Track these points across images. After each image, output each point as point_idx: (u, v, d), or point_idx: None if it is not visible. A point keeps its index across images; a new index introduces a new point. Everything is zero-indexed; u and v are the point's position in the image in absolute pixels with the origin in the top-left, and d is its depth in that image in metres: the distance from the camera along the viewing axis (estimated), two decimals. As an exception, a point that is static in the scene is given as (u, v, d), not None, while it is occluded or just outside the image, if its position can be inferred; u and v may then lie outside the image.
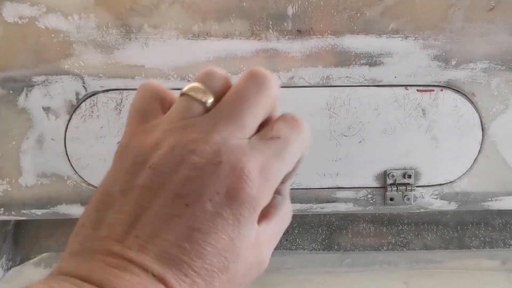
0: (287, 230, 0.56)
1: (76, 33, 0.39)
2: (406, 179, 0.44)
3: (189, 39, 0.39)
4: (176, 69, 0.40)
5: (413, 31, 0.40)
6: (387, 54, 0.40)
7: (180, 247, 0.17)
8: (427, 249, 0.55)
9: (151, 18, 0.39)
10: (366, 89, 0.42)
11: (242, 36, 0.39)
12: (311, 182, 0.44)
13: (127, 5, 0.38)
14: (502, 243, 0.55)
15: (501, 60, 0.41)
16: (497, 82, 0.42)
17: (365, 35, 0.40)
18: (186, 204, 0.18)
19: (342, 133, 0.43)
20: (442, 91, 0.41)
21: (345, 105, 0.42)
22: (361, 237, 0.56)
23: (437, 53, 0.40)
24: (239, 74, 0.41)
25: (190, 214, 0.18)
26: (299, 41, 0.40)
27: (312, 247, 0.55)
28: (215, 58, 0.40)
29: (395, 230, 0.56)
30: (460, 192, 0.45)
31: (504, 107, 0.42)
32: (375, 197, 0.45)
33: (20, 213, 0.45)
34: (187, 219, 0.18)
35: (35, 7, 0.38)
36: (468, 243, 0.55)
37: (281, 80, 0.41)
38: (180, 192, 0.18)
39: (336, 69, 0.41)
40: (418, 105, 0.42)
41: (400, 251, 0.55)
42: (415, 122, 0.42)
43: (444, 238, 0.55)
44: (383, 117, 0.42)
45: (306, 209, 0.46)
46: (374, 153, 0.43)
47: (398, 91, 0.42)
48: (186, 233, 0.18)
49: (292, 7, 0.39)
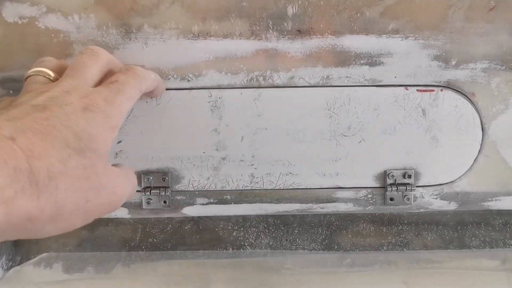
0: (287, 230, 0.56)
1: (76, 33, 0.39)
2: (406, 179, 0.44)
3: (189, 39, 0.39)
4: (176, 69, 0.40)
5: (413, 31, 0.40)
6: (387, 54, 0.40)
7: (37, 123, 0.25)
8: (427, 249, 0.55)
9: (151, 18, 0.39)
10: (366, 89, 0.42)
11: (242, 36, 0.39)
12: (311, 182, 0.44)
13: (127, 5, 0.38)
14: (502, 243, 0.55)
15: (501, 60, 0.41)
16: (497, 82, 0.42)
17: (365, 35, 0.40)
18: (45, 107, 0.26)
19: (342, 133, 0.43)
20: (442, 91, 0.42)
21: (345, 105, 0.42)
22: (361, 237, 0.56)
23: (437, 53, 0.40)
24: (239, 74, 0.41)
25: (49, 113, 0.26)
26: (299, 41, 0.40)
27: (312, 247, 0.55)
28: (215, 58, 0.40)
29: (395, 230, 0.56)
30: (460, 192, 0.45)
31: (504, 107, 0.42)
32: (375, 197, 0.45)
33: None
34: (47, 114, 0.26)
35: (35, 7, 0.38)
36: (468, 243, 0.55)
37: (281, 80, 0.41)
38: (43, 104, 0.27)
39: (336, 69, 0.41)
40: (418, 105, 0.42)
41: (400, 251, 0.55)
42: (415, 122, 0.42)
43: (444, 238, 0.55)
44: (383, 117, 0.42)
45: (306, 209, 0.46)
46: (374, 153, 0.43)
47: (398, 91, 0.42)
48: (44, 117, 0.26)
49: (292, 7, 0.39)
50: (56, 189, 0.24)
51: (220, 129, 0.42)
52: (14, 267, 0.54)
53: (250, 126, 0.42)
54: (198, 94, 0.41)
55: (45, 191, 0.24)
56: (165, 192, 0.44)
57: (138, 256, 0.55)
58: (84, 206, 0.26)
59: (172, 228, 0.56)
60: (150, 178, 0.43)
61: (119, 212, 0.45)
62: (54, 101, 0.27)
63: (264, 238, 0.56)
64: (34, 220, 0.23)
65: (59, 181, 0.24)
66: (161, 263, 0.54)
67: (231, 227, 0.56)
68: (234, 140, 0.43)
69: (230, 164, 0.43)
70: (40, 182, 0.23)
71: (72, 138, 0.26)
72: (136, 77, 0.32)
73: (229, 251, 0.55)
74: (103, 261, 0.54)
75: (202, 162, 0.43)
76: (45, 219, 0.24)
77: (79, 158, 0.26)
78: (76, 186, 0.25)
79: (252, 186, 0.44)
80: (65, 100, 0.27)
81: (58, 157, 0.24)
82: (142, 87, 0.32)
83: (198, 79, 0.41)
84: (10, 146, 0.23)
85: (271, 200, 0.45)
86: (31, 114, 0.26)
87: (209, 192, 0.45)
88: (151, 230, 0.56)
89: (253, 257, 0.55)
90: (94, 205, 0.27)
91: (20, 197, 0.22)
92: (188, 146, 0.43)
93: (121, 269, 0.54)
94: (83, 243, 0.56)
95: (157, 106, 0.41)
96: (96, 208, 0.27)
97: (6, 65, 0.40)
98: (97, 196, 0.27)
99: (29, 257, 0.55)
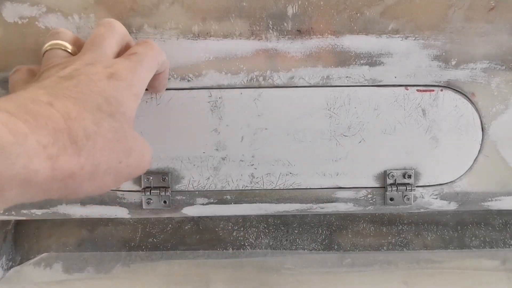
0: (287, 230, 0.56)
1: (76, 33, 0.39)
2: (406, 179, 0.44)
3: (189, 39, 0.39)
4: (176, 69, 0.40)
5: (413, 31, 0.40)
6: (387, 54, 0.40)
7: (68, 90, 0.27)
8: (427, 249, 0.55)
9: (151, 18, 0.39)
10: (366, 89, 0.42)
11: (242, 36, 0.39)
12: (311, 182, 0.44)
13: (127, 5, 0.38)
14: (502, 243, 0.55)
15: (501, 60, 0.41)
16: (497, 82, 0.42)
17: (365, 35, 0.40)
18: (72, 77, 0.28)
19: (342, 133, 0.43)
20: (442, 91, 0.42)
21: (345, 105, 0.42)
22: (361, 237, 0.56)
23: (437, 53, 0.40)
24: (239, 74, 0.41)
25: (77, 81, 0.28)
26: (299, 41, 0.40)
27: (312, 247, 0.55)
28: (215, 58, 0.40)
29: (395, 230, 0.56)
30: (460, 192, 0.45)
31: (504, 107, 0.42)
32: (375, 197, 0.45)
33: (20, 213, 0.45)
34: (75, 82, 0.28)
35: (35, 7, 0.38)
36: (468, 243, 0.55)
37: (281, 80, 0.41)
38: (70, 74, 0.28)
39: (336, 69, 0.41)
40: (418, 105, 0.42)
41: (400, 251, 0.55)
42: (415, 122, 0.42)
43: (444, 238, 0.55)
44: (383, 117, 0.42)
45: (306, 209, 0.46)
46: (374, 153, 0.43)
47: (398, 91, 0.42)
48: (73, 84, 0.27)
49: (292, 7, 0.39)
50: (93, 149, 0.26)
51: (220, 129, 0.42)
52: (14, 267, 0.54)
53: (250, 126, 0.42)
54: (198, 94, 0.41)
55: (84, 150, 0.25)
56: (165, 192, 0.44)
57: (138, 256, 0.55)
58: (117, 166, 0.28)
59: (172, 228, 0.56)
60: (150, 178, 0.43)
61: (119, 212, 0.45)
62: (80, 72, 0.28)
63: (264, 238, 0.56)
64: (75, 176, 0.25)
65: (95, 141, 0.26)
66: (161, 263, 0.54)
67: (231, 227, 0.56)
68: (234, 140, 0.43)
69: (230, 164, 0.43)
70: (79, 142, 0.25)
71: (103, 102, 0.27)
72: (154, 49, 0.33)
73: (229, 251, 0.55)
74: (103, 261, 0.54)
75: (202, 162, 0.43)
76: (84, 177, 0.26)
77: (111, 121, 0.27)
78: (110, 147, 0.27)
79: (252, 186, 0.44)
80: (90, 70, 0.29)
81: (92, 119, 0.26)
82: (159, 59, 0.34)
83: (198, 79, 0.41)
84: (49, 110, 0.25)
85: (271, 200, 0.45)
86: (61, 83, 0.27)
87: (209, 192, 0.45)
88: (151, 230, 0.56)
89: (253, 257, 0.55)
90: (125, 166, 0.29)
91: (62, 154, 0.24)
92: (188, 146, 0.43)
93: (121, 269, 0.54)
94: (83, 243, 0.56)
95: (157, 106, 0.41)
96: (127, 169, 0.29)
97: (6, 65, 0.40)
98: (128, 158, 0.29)
99: (29, 257, 0.55)
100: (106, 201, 0.44)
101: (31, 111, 0.24)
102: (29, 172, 0.23)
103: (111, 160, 0.27)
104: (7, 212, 0.44)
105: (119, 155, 0.28)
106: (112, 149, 0.27)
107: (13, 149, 0.22)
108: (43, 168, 0.23)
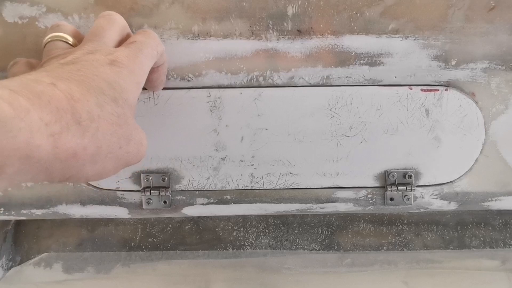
0: (287, 230, 0.56)
1: (76, 33, 0.39)
2: (407, 179, 0.44)
3: (189, 39, 0.39)
4: (176, 69, 0.40)
5: (413, 31, 0.40)
6: (387, 54, 0.40)
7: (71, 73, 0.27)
8: (427, 249, 0.55)
9: (151, 18, 0.39)
10: (369, 88, 0.42)
11: (242, 36, 0.39)
12: (311, 182, 0.44)
13: (127, 5, 0.38)
14: (502, 243, 0.55)
15: (501, 60, 0.41)
16: (497, 82, 0.42)
17: (365, 35, 0.40)
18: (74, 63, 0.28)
19: (344, 133, 0.43)
20: (447, 91, 0.41)
21: (347, 105, 0.42)
22: (361, 237, 0.56)
23: (437, 53, 0.40)
24: (239, 74, 0.41)
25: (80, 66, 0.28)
26: (299, 41, 0.40)
27: (312, 247, 0.55)
28: (215, 58, 0.40)
29: (395, 230, 0.56)
30: (460, 192, 0.45)
31: (504, 107, 0.42)
32: (375, 197, 0.45)
33: (20, 213, 0.45)
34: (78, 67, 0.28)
35: (35, 7, 0.38)
36: (468, 243, 0.55)
37: (281, 80, 0.41)
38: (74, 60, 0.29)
39: (336, 69, 0.41)
40: (421, 105, 0.42)
41: (400, 251, 0.55)
42: (418, 122, 0.42)
43: (444, 238, 0.55)
44: (385, 117, 0.42)
45: (306, 209, 0.46)
46: (375, 153, 0.43)
47: (402, 91, 0.42)
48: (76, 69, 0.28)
49: (292, 7, 0.39)
50: (97, 130, 0.26)
51: (219, 129, 0.42)
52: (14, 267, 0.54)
53: (250, 126, 0.42)
54: (198, 94, 0.41)
55: (88, 131, 0.25)
56: (165, 192, 0.44)
57: (138, 256, 0.55)
58: (117, 151, 0.28)
59: (172, 228, 0.56)
60: (150, 178, 0.43)
61: (119, 212, 0.45)
62: (81, 59, 0.29)
63: (264, 238, 0.56)
64: (77, 157, 0.25)
65: (99, 123, 0.26)
66: (161, 263, 0.54)
67: (231, 227, 0.56)
68: (234, 140, 0.43)
69: (230, 164, 0.43)
70: (82, 122, 0.25)
71: (106, 86, 0.28)
72: (153, 38, 0.34)
73: (229, 251, 0.55)
74: (103, 261, 0.54)
75: (202, 162, 0.43)
76: (87, 158, 0.26)
77: (114, 105, 0.28)
78: (112, 131, 0.27)
79: (252, 186, 0.44)
80: (91, 58, 0.29)
81: (95, 102, 0.26)
82: (158, 48, 0.34)
83: (198, 79, 0.41)
84: (52, 90, 0.25)
85: (271, 200, 0.45)
86: (63, 67, 0.28)
87: (209, 192, 0.45)
88: (151, 230, 0.56)
89: (253, 257, 0.55)
90: (125, 152, 0.29)
91: (65, 133, 0.24)
92: (187, 146, 0.43)
93: (121, 269, 0.54)
94: (83, 243, 0.56)
95: (156, 106, 0.41)
96: (127, 155, 0.29)
97: (6, 65, 0.39)
98: (128, 144, 0.29)
99: (29, 257, 0.55)
100: (106, 201, 0.44)
101: (34, 90, 0.24)
102: (30, 147, 0.23)
103: (113, 144, 0.27)
104: (7, 212, 0.44)
105: (120, 140, 0.28)
106: (114, 133, 0.27)
107: (14, 123, 0.22)
108: (45, 144, 0.23)
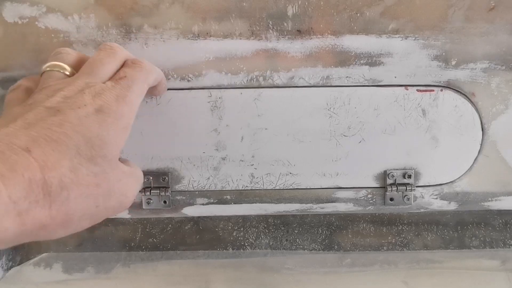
0: (287, 230, 0.56)
1: (76, 33, 0.39)
2: (406, 179, 0.44)
3: (189, 39, 0.39)
4: (176, 69, 0.40)
5: (413, 31, 0.40)
6: (387, 54, 0.40)
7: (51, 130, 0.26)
8: (427, 249, 0.55)
9: (151, 18, 0.39)
10: (366, 89, 0.42)
11: (242, 36, 0.39)
12: (311, 182, 0.44)
13: (127, 5, 0.38)
14: (502, 243, 0.55)
15: (501, 60, 0.41)
16: (497, 82, 0.42)
17: (365, 35, 0.40)
18: (58, 111, 0.27)
19: (342, 133, 0.43)
20: (442, 91, 0.42)
21: (345, 105, 0.42)
22: (361, 237, 0.56)
23: (437, 53, 0.40)
24: (239, 74, 0.41)
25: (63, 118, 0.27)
26: (299, 41, 0.40)
27: (312, 247, 0.55)
28: (215, 58, 0.40)
29: (395, 230, 0.56)
30: (460, 192, 0.45)
31: (504, 107, 0.42)
32: (375, 197, 0.45)
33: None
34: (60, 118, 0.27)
35: (35, 7, 0.38)
36: (468, 243, 0.55)
37: (281, 80, 0.41)
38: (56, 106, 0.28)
39: (336, 69, 0.41)
40: (418, 105, 0.42)
41: (400, 251, 0.55)
42: (415, 122, 0.42)
43: (444, 238, 0.55)
44: (383, 117, 0.42)
45: (306, 209, 0.46)
46: (374, 153, 0.43)
47: (398, 91, 0.42)
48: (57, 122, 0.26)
49: (292, 7, 0.39)
50: (67, 199, 0.25)
51: (220, 129, 0.42)
52: (14, 267, 0.54)
53: (250, 126, 0.42)
54: (198, 94, 0.41)
55: (57, 200, 0.25)
56: (165, 192, 0.44)
57: (138, 256, 0.55)
58: (94, 211, 0.27)
59: (172, 228, 0.56)
60: (150, 178, 0.43)
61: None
62: (68, 103, 0.28)
63: (264, 238, 0.56)
64: (45, 227, 0.25)
65: (70, 190, 0.25)
66: (161, 263, 0.54)
67: (231, 227, 0.56)
68: (234, 140, 0.43)
69: (230, 164, 0.43)
70: (52, 192, 0.24)
71: (83, 145, 0.27)
72: (143, 71, 0.33)
73: (229, 251, 0.55)
74: (103, 261, 0.54)
75: (202, 162, 0.43)
76: (56, 226, 0.25)
77: (90, 165, 0.27)
78: (87, 193, 0.26)
79: (252, 186, 0.44)
80: (79, 102, 0.28)
81: (69, 166, 0.26)
82: (149, 80, 0.33)
83: (198, 79, 0.41)
84: (27, 158, 0.24)
85: (271, 200, 0.45)
86: (45, 119, 0.27)
87: (209, 192, 0.45)
88: (151, 230, 0.56)
89: (253, 257, 0.55)
90: (103, 209, 0.28)
91: (33, 208, 0.24)
92: (188, 146, 0.43)
93: (121, 269, 0.54)
94: (83, 243, 0.56)
95: (157, 106, 0.41)
96: (105, 211, 0.28)
97: (6, 65, 0.40)
98: (108, 200, 0.28)
99: (29, 257, 0.55)
100: (106, 201, 0.44)
101: (9, 161, 0.23)
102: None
103: (87, 206, 0.27)
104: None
105: (97, 199, 0.27)
106: (89, 195, 0.27)
107: None
108: (11, 225, 0.23)
